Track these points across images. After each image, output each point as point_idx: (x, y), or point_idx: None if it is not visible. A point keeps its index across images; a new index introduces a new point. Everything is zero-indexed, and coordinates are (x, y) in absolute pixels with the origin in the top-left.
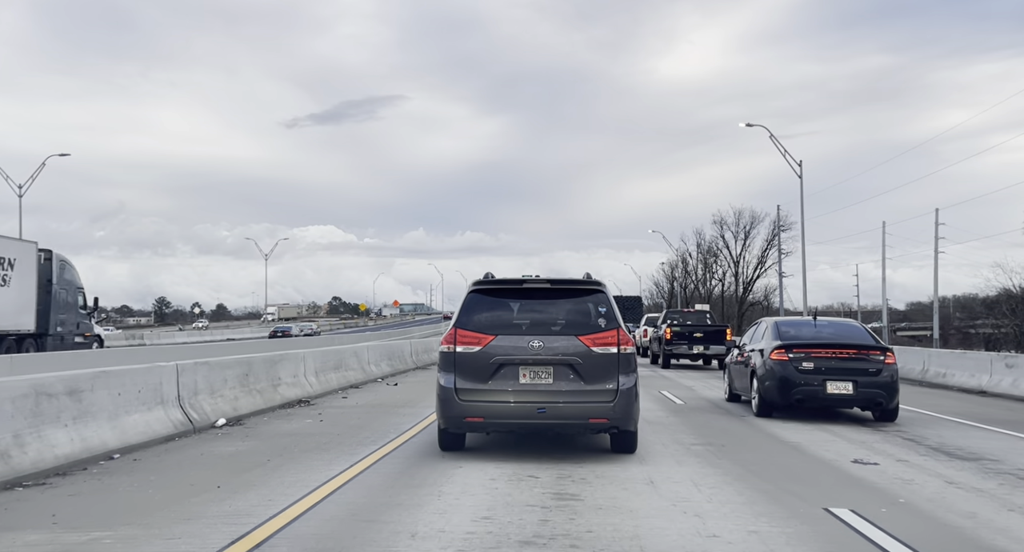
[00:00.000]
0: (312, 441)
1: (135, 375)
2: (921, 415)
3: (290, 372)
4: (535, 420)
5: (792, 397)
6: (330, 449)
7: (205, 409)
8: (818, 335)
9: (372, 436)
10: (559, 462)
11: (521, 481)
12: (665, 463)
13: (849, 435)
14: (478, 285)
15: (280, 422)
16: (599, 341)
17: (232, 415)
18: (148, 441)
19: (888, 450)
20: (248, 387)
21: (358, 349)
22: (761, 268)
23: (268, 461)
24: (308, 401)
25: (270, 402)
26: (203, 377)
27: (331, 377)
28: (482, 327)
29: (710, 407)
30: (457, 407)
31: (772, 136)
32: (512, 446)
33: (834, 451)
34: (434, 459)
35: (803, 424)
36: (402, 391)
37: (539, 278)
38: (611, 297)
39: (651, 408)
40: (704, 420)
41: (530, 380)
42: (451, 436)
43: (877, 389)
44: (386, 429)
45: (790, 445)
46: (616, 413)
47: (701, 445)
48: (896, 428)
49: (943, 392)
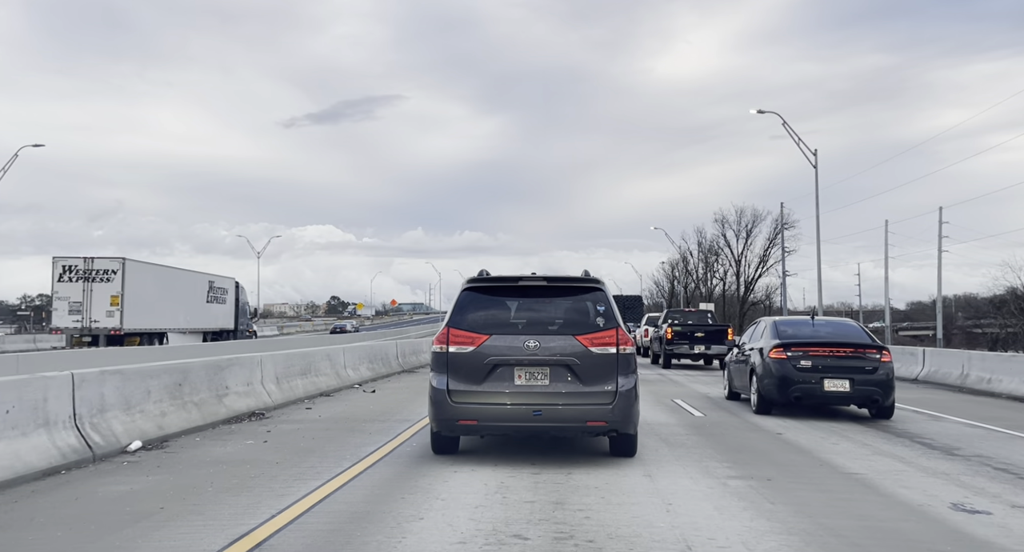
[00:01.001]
0: (237, 474)
1: (3, 390)
2: (991, 432)
3: (242, 379)
4: (531, 423)
5: (790, 394)
6: (254, 487)
7: (115, 430)
8: (816, 334)
9: (319, 465)
10: (557, 487)
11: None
12: (699, 508)
13: (919, 462)
14: (472, 283)
15: (213, 444)
16: (597, 341)
17: (155, 435)
18: (13, 479)
19: (988, 487)
20: (182, 399)
21: (332, 351)
22: (763, 267)
23: (160, 509)
24: (263, 414)
25: (211, 417)
26: (114, 389)
27: (296, 384)
28: (476, 326)
29: (736, 421)
30: (450, 409)
31: (785, 123)
32: (506, 454)
33: (918, 488)
34: (392, 504)
35: (852, 445)
36: (378, 399)
37: (535, 276)
38: (610, 295)
39: (667, 422)
40: (734, 439)
41: (526, 381)
42: (444, 439)
43: (873, 387)
44: (340, 454)
45: (855, 478)
46: (615, 415)
47: (740, 479)
48: (976, 452)
49: (992, 401)
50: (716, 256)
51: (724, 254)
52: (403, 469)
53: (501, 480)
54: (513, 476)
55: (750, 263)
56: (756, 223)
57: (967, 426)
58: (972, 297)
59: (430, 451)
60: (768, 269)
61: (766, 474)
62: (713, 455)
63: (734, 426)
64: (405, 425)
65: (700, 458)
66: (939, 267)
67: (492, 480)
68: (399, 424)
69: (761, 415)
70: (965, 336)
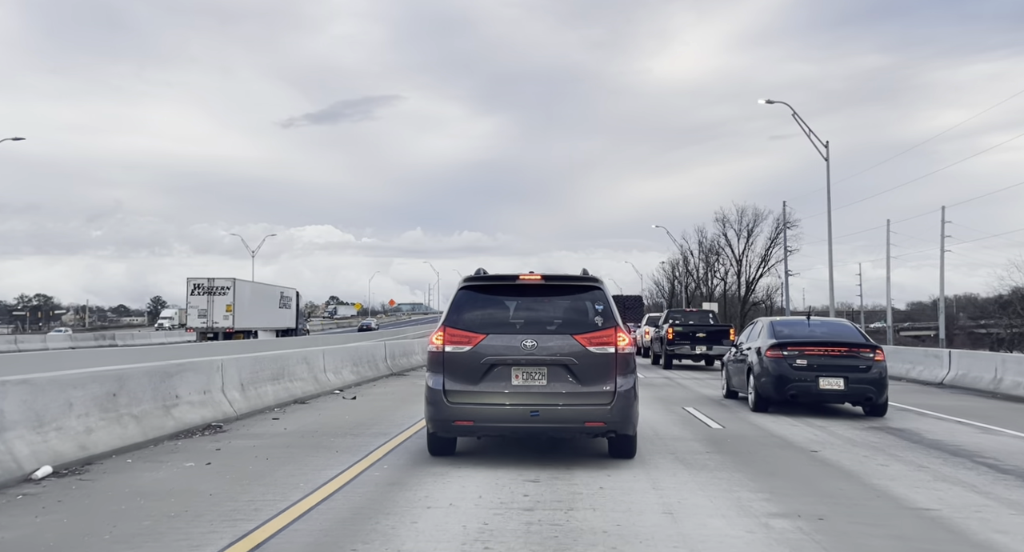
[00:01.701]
0: (153, 513)
1: None
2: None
3: (197, 387)
4: (528, 423)
5: (787, 392)
6: (165, 535)
7: (17, 452)
8: (811, 334)
9: (261, 498)
10: (555, 531)
11: None
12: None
13: (999, 492)
14: (469, 281)
15: (144, 468)
16: (596, 340)
17: (75, 457)
18: None
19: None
20: (116, 412)
21: (310, 354)
22: (764, 266)
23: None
24: (220, 426)
25: (154, 432)
26: (20, 403)
27: (266, 391)
28: (473, 326)
29: (760, 435)
30: (446, 410)
31: (795, 114)
32: (493, 480)
33: (1019, 534)
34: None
35: (905, 468)
36: (358, 407)
37: (533, 274)
38: (608, 294)
39: (681, 436)
40: (764, 460)
41: (523, 381)
42: (441, 440)
43: (867, 385)
44: (292, 482)
45: (929, 518)
46: (614, 416)
47: (785, 518)
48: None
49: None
50: (717, 256)
51: (725, 254)
52: (365, 503)
53: (484, 520)
54: (500, 514)
55: (751, 263)
56: (757, 222)
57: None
58: (973, 297)
59: (402, 474)
60: (769, 269)
61: (815, 510)
62: (744, 482)
63: (760, 442)
64: (381, 440)
65: (729, 486)
66: (942, 267)
67: (473, 521)
68: (374, 439)
69: (759, 413)
70: (968, 336)
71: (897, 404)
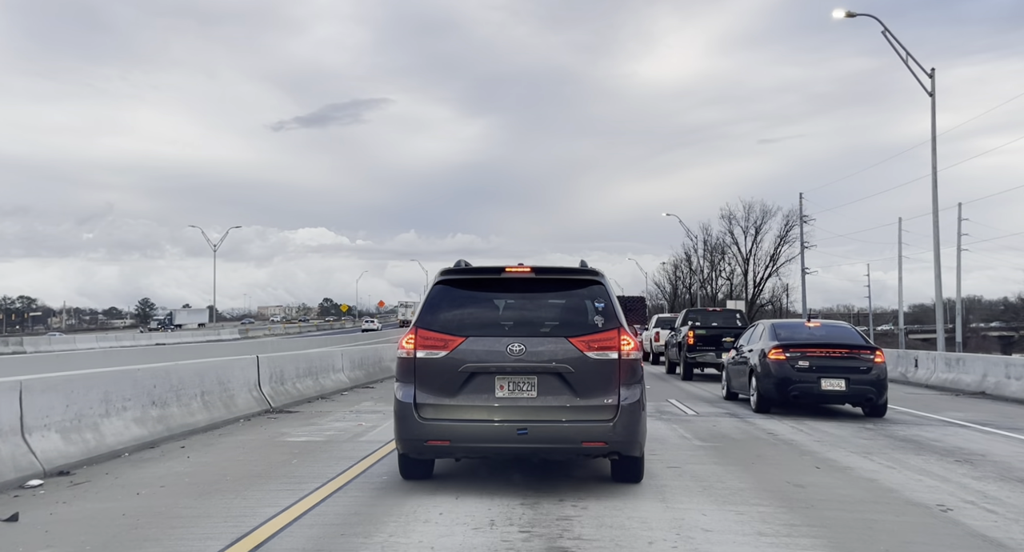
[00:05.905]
0: None
1: None
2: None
3: (36, 417)
4: (515, 444)
5: (789, 394)
6: None
7: None
8: (812, 335)
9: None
10: None
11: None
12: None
13: None
14: (446, 275)
15: None
16: (595, 344)
17: None
18: None
19: None
20: None
21: (222, 367)
22: (773, 265)
23: None
24: (36, 486)
25: None
26: None
27: (114, 427)
28: (450, 327)
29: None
30: (416, 428)
31: (885, 30)
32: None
33: None
34: None
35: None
36: (284, 443)
37: (522, 266)
38: (611, 290)
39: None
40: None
41: (509, 393)
42: (413, 462)
43: (867, 386)
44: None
45: None
46: (617, 434)
47: None
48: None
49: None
50: (723, 255)
51: (731, 252)
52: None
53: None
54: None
55: (759, 261)
56: (766, 219)
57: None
58: (976, 299)
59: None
60: (779, 268)
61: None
62: None
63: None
64: (293, 498)
65: None
66: (958, 266)
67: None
68: (280, 498)
69: (761, 413)
70: (979, 339)
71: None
